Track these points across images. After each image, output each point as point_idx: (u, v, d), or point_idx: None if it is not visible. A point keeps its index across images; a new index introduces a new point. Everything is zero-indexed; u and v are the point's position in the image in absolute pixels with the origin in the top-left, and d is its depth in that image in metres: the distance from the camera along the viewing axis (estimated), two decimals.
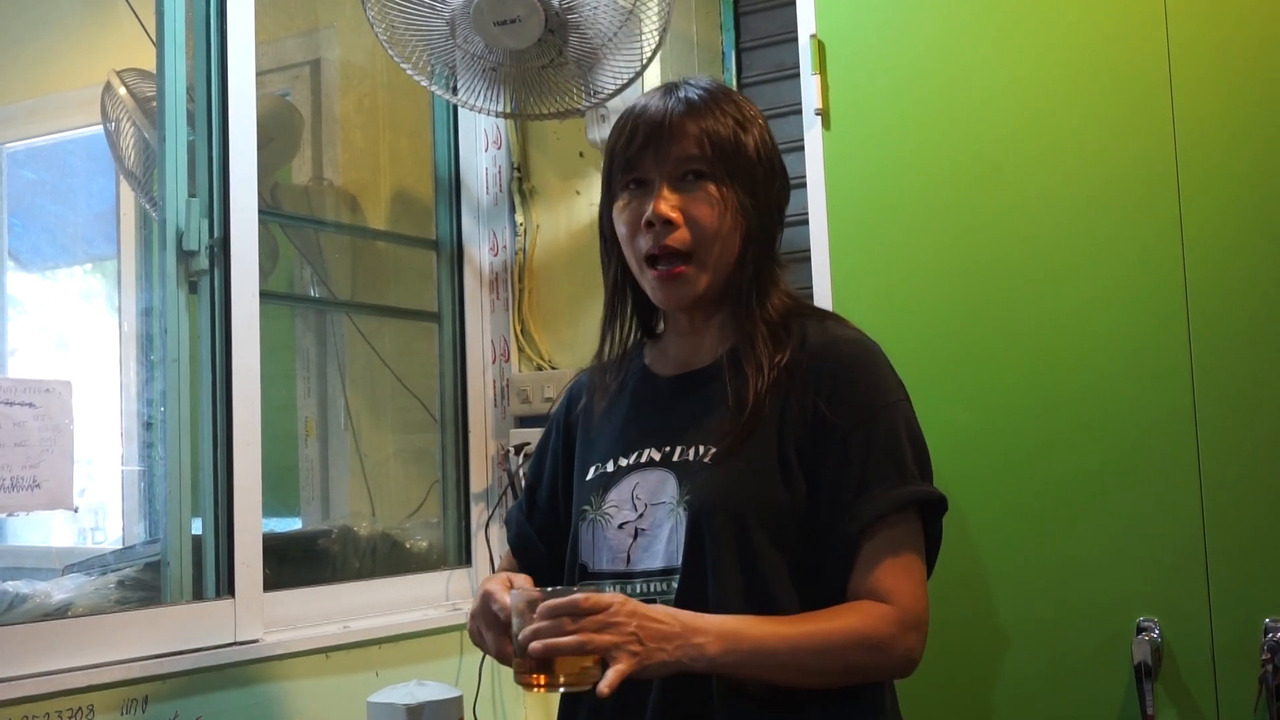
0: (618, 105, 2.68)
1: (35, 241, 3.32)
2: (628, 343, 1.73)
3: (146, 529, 2.64)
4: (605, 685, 1.37)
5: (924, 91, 2.24)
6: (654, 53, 2.57)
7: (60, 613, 2.20)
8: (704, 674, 1.47)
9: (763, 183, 1.63)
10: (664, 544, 1.56)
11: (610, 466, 1.65)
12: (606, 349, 1.72)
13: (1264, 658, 1.89)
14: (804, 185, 2.34)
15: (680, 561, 1.53)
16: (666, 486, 1.58)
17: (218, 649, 2.25)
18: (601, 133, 2.94)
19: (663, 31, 2.55)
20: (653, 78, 2.85)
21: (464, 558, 2.94)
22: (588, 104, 2.65)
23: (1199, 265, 2.00)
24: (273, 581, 2.43)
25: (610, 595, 1.42)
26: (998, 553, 2.12)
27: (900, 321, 2.23)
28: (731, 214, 1.59)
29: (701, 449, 1.58)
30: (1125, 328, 2.05)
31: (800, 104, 2.37)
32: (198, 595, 2.33)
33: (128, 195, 2.99)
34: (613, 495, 1.62)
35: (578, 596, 1.40)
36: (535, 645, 1.39)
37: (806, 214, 2.33)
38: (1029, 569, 2.10)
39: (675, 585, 1.53)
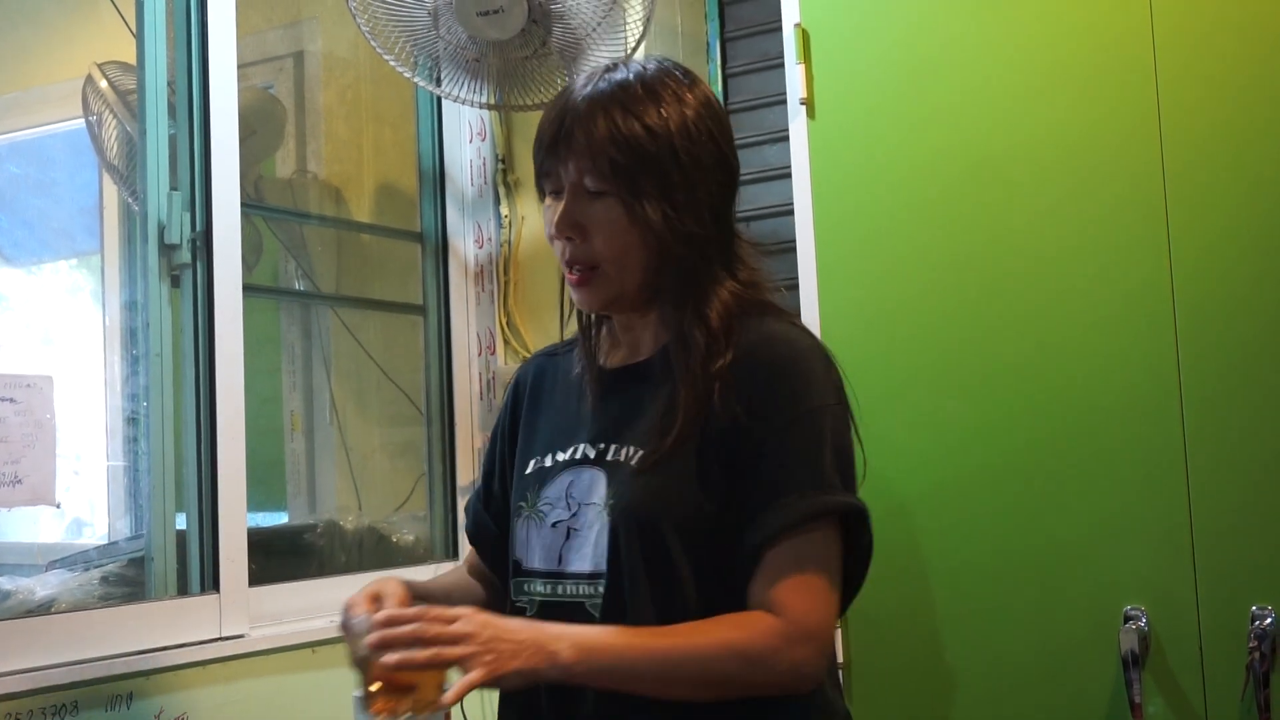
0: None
1: (18, 236, 3.30)
2: (586, 332, 1.67)
3: (131, 524, 2.63)
4: (453, 694, 1.34)
5: (909, 81, 2.23)
6: (638, 43, 2.56)
7: (44, 609, 2.19)
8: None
9: (683, 184, 1.52)
10: (592, 546, 1.52)
11: (548, 461, 1.61)
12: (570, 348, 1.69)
13: (1251, 645, 1.89)
14: (789, 176, 2.34)
15: (605, 566, 1.50)
16: (597, 487, 1.54)
17: (203, 644, 2.24)
18: None
19: (647, 21, 2.54)
20: None
21: (450, 551, 2.94)
22: None
23: (1185, 254, 2.00)
24: (258, 576, 2.42)
25: (459, 609, 1.38)
26: (985, 542, 2.13)
27: (886, 312, 2.23)
28: (634, 229, 1.51)
29: (630, 450, 1.53)
30: (1112, 316, 2.05)
31: (785, 94, 2.37)
32: (182, 590, 2.32)
33: (111, 189, 2.97)
34: (548, 492, 1.58)
35: (423, 609, 1.37)
36: (389, 659, 1.34)
37: (791, 205, 2.33)
38: (1016, 558, 2.10)
39: (602, 589, 1.50)
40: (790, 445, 1.47)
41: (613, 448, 1.55)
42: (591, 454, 1.57)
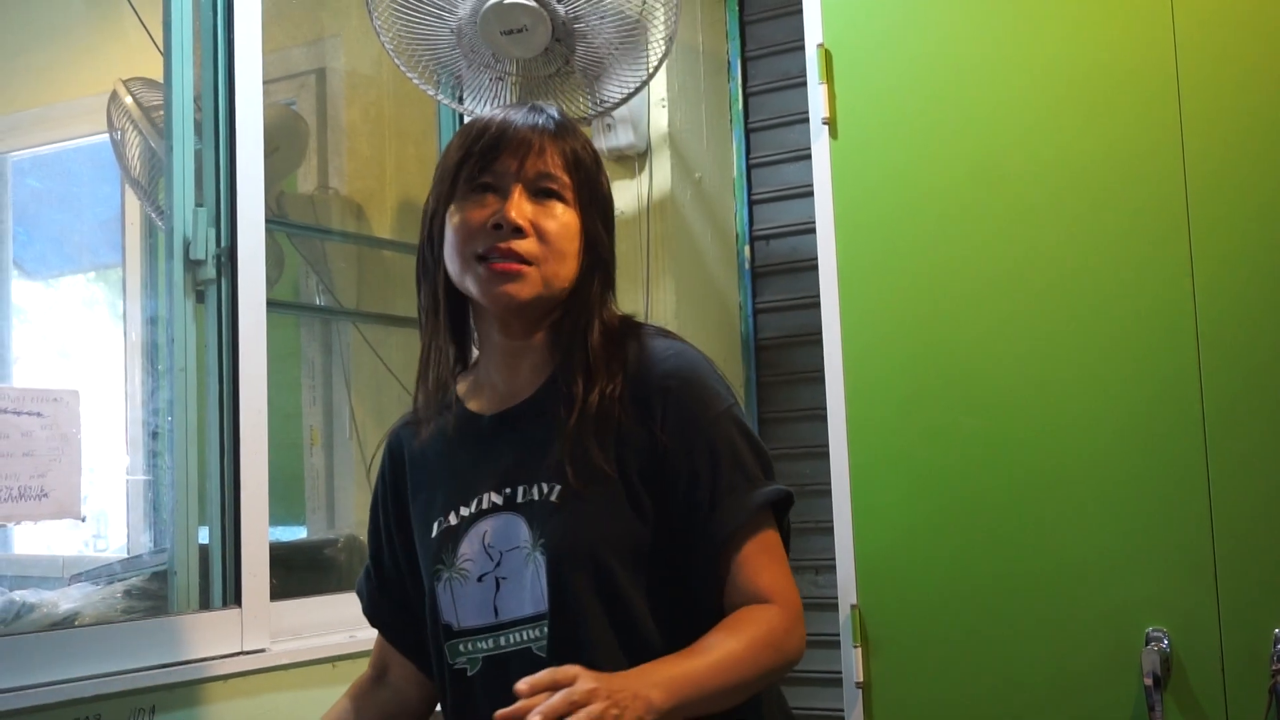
0: (624, 114, 2.69)
1: (40, 250, 3.32)
2: (445, 379, 1.64)
3: (152, 538, 2.64)
4: None
5: (931, 100, 2.24)
6: (660, 61, 2.57)
7: (67, 622, 2.20)
8: None
9: (606, 210, 1.61)
10: (528, 590, 1.51)
11: (453, 519, 1.59)
12: (426, 385, 1.64)
13: (1274, 668, 1.89)
14: (811, 194, 2.35)
15: (547, 606, 1.49)
16: (517, 530, 1.53)
17: (224, 658, 2.24)
18: (608, 142, 2.95)
19: (669, 40, 2.55)
20: (659, 87, 2.86)
21: None
22: (594, 113, 2.65)
23: (1207, 274, 2.00)
24: (279, 591, 2.42)
25: (565, 668, 1.32)
26: (1006, 561, 2.12)
27: (907, 329, 2.23)
28: (579, 235, 1.56)
29: (545, 487, 1.53)
30: (1134, 335, 2.05)
31: (806, 113, 2.37)
32: (204, 605, 2.33)
33: (133, 204, 2.99)
34: (464, 548, 1.56)
35: (547, 674, 1.30)
36: None
37: (814, 223, 2.34)
38: (1037, 578, 2.10)
39: (547, 629, 1.49)
40: (714, 452, 1.52)
41: (520, 489, 1.55)
42: (499, 500, 1.56)
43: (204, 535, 2.36)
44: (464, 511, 1.58)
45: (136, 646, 2.14)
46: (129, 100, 2.71)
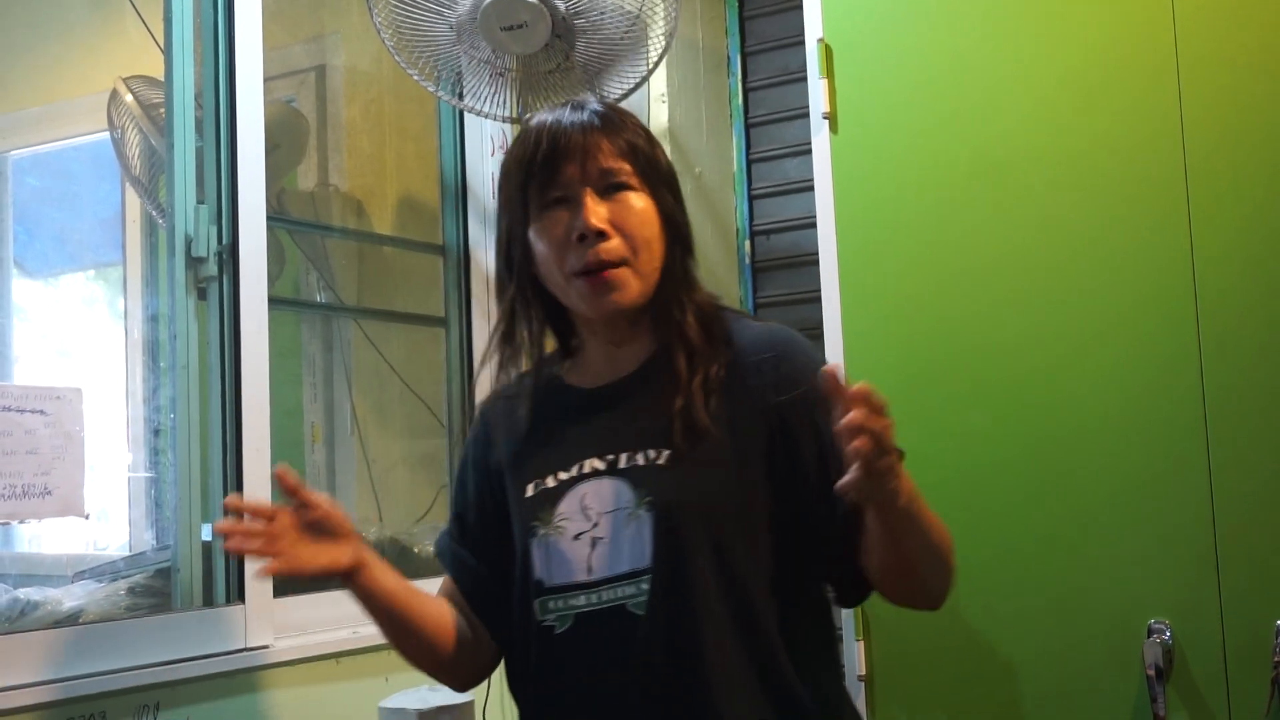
0: (626, 109, 2.68)
1: (40, 249, 3.32)
2: (536, 363, 1.70)
3: (155, 535, 2.64)
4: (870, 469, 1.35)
5: (932, 95, 2.24)
6: (660, 57, 2.58)
7: (71, 619, 2.20)
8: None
9: (678, 192, 1.66)
10: (627, 548, 1.55)
11: (551, 482, 1.62)
12: (505, 374, 1.70)
13: (1276, 659, 1.90)
14: (811, 189, 2.35)
15: (649, 562, 1.53)
16: (618, 493, 1.57)
17: (229, 655, 2.25)
18: None
19: (669, 36, 2.55)
20: (658, 82, 2.86)
21: None
22: None
23: (1208, 266, 2.00)
24: (283, 587, 2.42)
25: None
26: (1008, 554, 2.13)
27: (908, 323, 2.23)
28: (658, 220, 1.61)
29: (652, 453, 1.57)
30: (1135, 329, 2.06)
31: (805, 108, 2.38)
32: (208, 601, 2.33)
33: (133, 202, 2.99)
34: (561, 508, 1.60)
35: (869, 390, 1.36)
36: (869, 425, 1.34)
37: (814, 218, 2.34)
38: (1039, 570, 2.10)
39: (646, 586, 1.53)
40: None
41: (624, 456, 1.59)
42: (601, 466, 1.60)
43: (207, 532, 2.37)
44: (562, 475, 1.62)
45: (140, 643, 2.14)
46: (129, 98, 2.71)
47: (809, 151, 2.37)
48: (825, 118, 2.31)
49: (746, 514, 1.55)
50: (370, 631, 2.49)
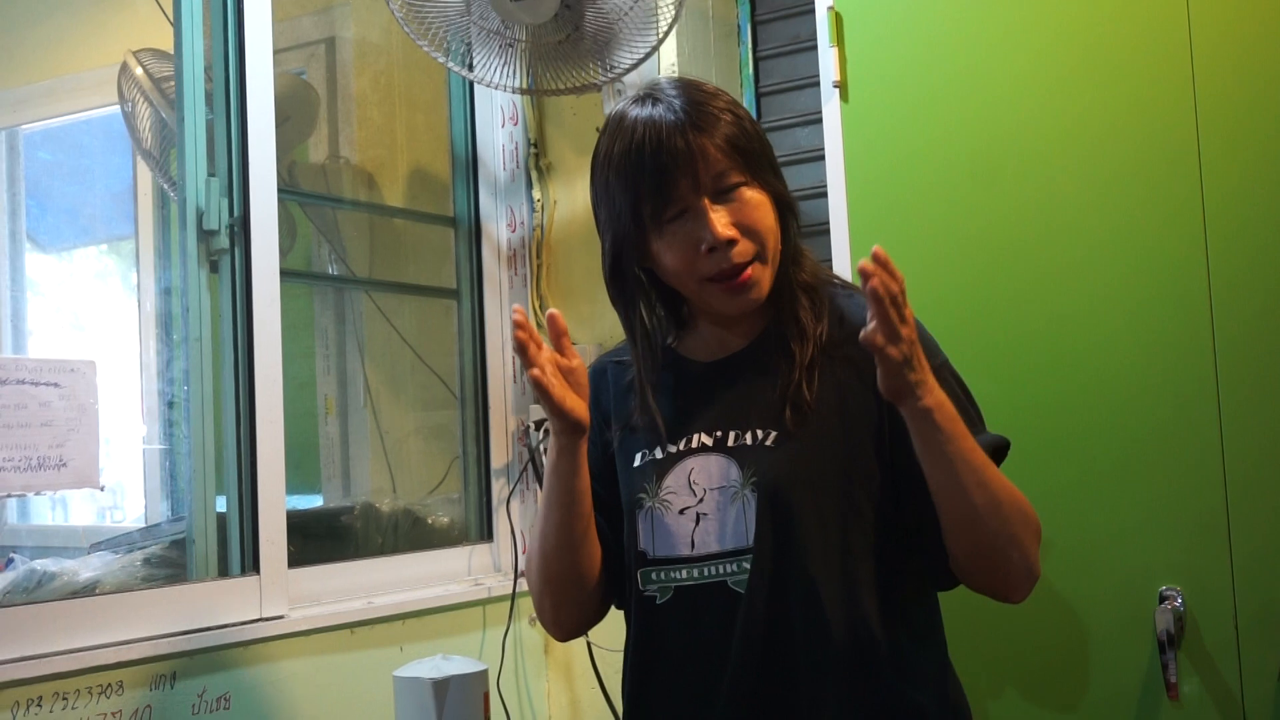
0: (634, 80, 2.68)
1: (52, 223, 3.33)
2: (655, 337, 1.70)
3: (170, 507, 2.66)
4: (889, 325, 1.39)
5: (943, 63, 2.23)
6: (670, 27, 2.57)
7: (88, 590, 2.22)
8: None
9: (775, 164, 1.65)
10: (731, 526, 1.56)
11: (659, 453, 1.64)
12: (645, 354, 1.68)
13: None
14: (822, 158, 2.34)
15: (751, 541, 1.54)
16: (727, 471, 1.58)
17: (243, 625, 2.27)
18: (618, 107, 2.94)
19: (679, 5, 2.54)
20: (669, 52, 2.86)
21: (485, 533, 2.96)
22: (604, 79, 2.64)
23: (1220, 236, 2.00)
24: (296, 558, 2.44)
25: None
26: None
27: (919, 295, 2.21)
28: (774, 206, 1.60)
29: (760, 433, 1.58)
30: (1149, 299, 2.05)
31: (817, 76, 2.37)
32: (223, 572, 2.35)
33: (145, 175, 3.00)
34: (668, 481, 1.61)
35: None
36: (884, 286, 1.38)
37: (824, 187, 2.33)
38: (1051, 538, 2.10)
39: (747, 565, 1.54)
40: (950, 392, 1.53)
41: (733, 433, 1.60)
42: (709, 441, 1.61)
43: (221, 504, 2.38)
44: (671, 449, 1.63)
45: (156, 614, 2.16)
46: (139, 71, 2.71)
47: (820, 120, 2.36)
48: (836, 86, 2.30)
49: (852, 495, 1.56)
50: (385, 601, 2.54)
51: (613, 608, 1.74)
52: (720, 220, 1.55)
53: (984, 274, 2.18)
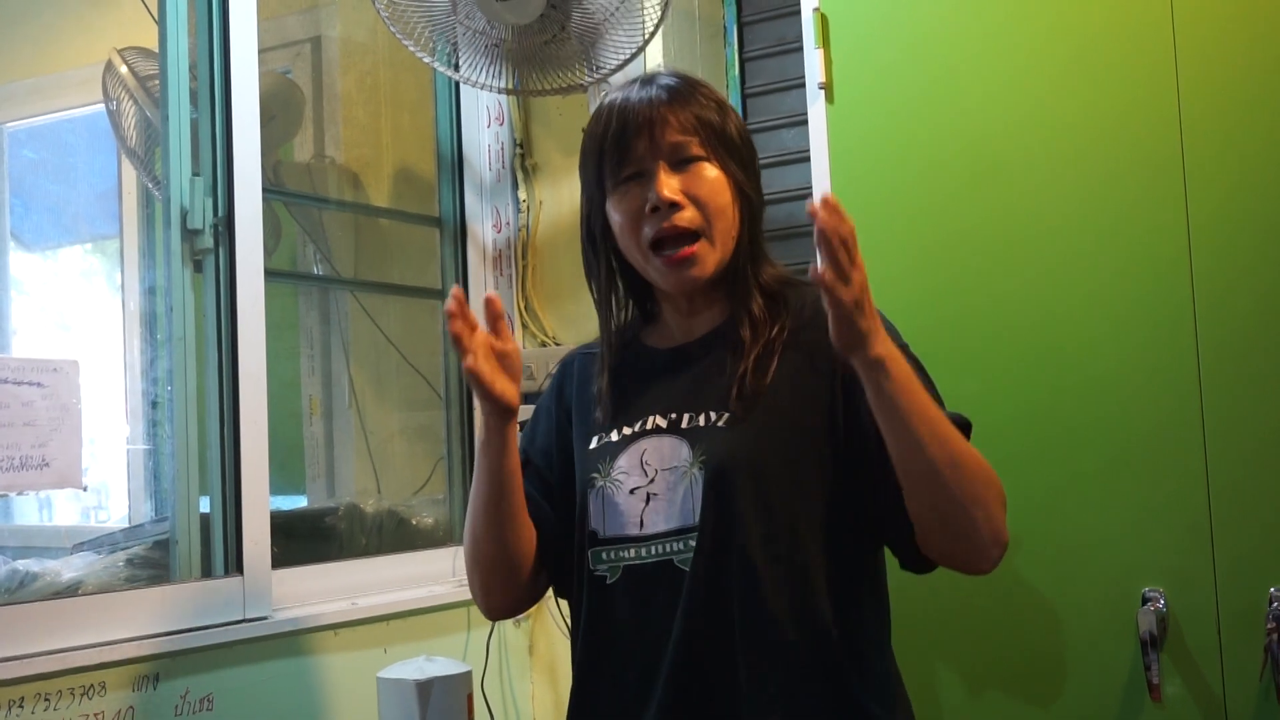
0: (620, 80, 2.67)
1: (37, 221, 3.32)
2: (624, 327, 1.75)
3: (153, 507, 2.65)
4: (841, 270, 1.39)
5: (928, 65, 2.23)
6: (656, 27, 2.57)
7: (70, 591, 2.21)
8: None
9: (749, 162, 1.69)
10: (679, 506, 1.58)
11: (614, 436, 1.66)
12: (608, 340, 1.74)
13: (1269, 626, 1.90)
14: (807, 160, 2.34)
15: (697, 520, 1.56)
16: (678, 451, 1.60)
17: (227, 626, 2.26)
18: None
19: (665, 6, 2.54)
20: (655, 53, 2.86)
21: None
22: (590, 79, 2.64)
23: (1205, 239, 2.00)
24: (280, 559, 2.43)
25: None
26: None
27: (904, 297, 2.23)
28: (730, 190, 1.64)
29: (713, 415, 1.61)
30: (1133, 302, 2.05)
31: (803, 78, 2.37)
32: (206, 573, 2.34)
33: (129, 174, 2.99)
34: (621, 462, 1.63)
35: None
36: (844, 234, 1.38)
37: (809, 189, 2.34)
38: (1033, 538, 2.11)
39: (693, 543, 1.56)
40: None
41: (686, 415, 1.63)
42: (663, 423, 1.64)
43: (205, 504, 2.37)
44: (626, 430, 1.66)
45: (139, 615, 2.15)
46: (124, 70, 2.71)
47: (805, 122, 2.36)
48: (821, 88, 2.30)
49: (801, 480, 1.58)
50: (369, 602, 2.53)
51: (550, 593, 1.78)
52: (668, 183, 1.60)
53: (968, 276, 2.18)
